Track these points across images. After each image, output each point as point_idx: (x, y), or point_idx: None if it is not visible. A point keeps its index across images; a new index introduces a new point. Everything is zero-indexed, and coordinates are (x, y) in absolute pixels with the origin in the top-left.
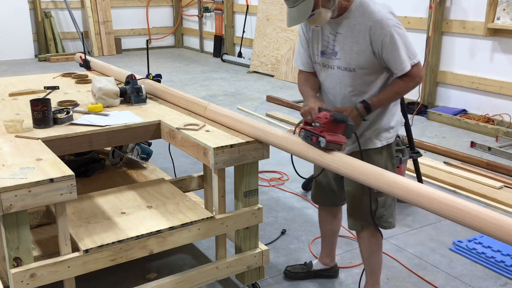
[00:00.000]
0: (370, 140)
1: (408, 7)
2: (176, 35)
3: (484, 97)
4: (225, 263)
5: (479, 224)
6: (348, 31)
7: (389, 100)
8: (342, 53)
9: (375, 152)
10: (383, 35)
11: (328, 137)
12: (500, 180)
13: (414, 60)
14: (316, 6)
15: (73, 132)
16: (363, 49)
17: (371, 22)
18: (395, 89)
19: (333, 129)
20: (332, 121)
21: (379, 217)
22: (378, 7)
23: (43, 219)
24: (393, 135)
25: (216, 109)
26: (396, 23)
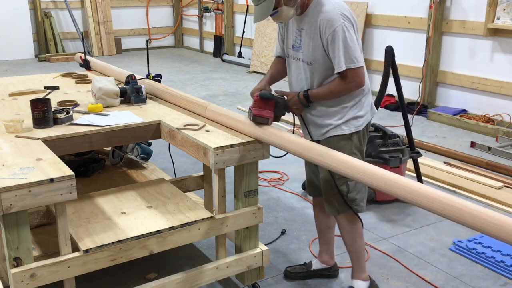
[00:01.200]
0: (339, 128)
1: (408, 7)
2: (176, 35)
3: (484, 97)
4: (225, 263)
5: (479, 224)
6: (308, 28)
7: (325, 96)
8: (304, 47)
9: (344, 138)
10: (328, 33)
11: (254, 111)
12: (500, 180)
13: (351, 64)
14: (278, 4)
15: (73, 132)
16: (317, 45)
17: (321, 19)
18: (330, 87)
19: (264, 106)
20: (260, 99)
21: (351, 200)
22: (331, 7)
23: (43, 219)
24: (362, 123)
25: (216, 109)
26: (342, 24)
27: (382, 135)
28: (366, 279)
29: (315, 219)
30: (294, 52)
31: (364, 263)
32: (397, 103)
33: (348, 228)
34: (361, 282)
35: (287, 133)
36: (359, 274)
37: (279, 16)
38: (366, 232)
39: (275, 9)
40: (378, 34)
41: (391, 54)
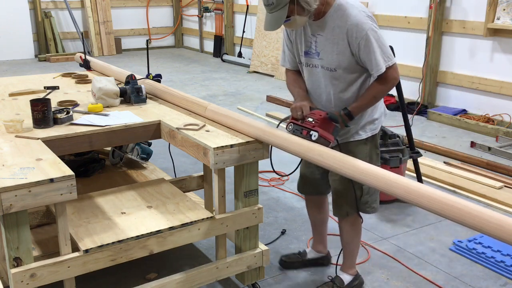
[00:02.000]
0: (356, 133)
1: (408, 7)
2: (176, 35)
3: (484, 97)
4: (225, 263)
5: (480, 224)
6: (328, 33)
7: (368, 105)
8: (324, 53)
9: (361, 143)
10: (359, 38)
11: (321, 131)
12: (500, 180)
13: (389, 62)
14: (291, 13)
15: (73, 132)
16: (342, 50)
17: (348, 25)
18: (372, 93)
19: (326, 128)
20: (327, 119)
21: (364, 203)
22: (356, 11)
23: (43, 219)
24: (377, 126)
25: (216, 109)
26: (372, 26)
27: (382, 135)
28: (353, 274)
29: (309, 215)
30: (308, 59)
31: (355, 260)
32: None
33: (351, 228)
34: (346, 276)
35: (287, 133)
36: (348, 269)
37: (291, 24)
38: (366, 232)
39: (287, 17)
40: None
41: None
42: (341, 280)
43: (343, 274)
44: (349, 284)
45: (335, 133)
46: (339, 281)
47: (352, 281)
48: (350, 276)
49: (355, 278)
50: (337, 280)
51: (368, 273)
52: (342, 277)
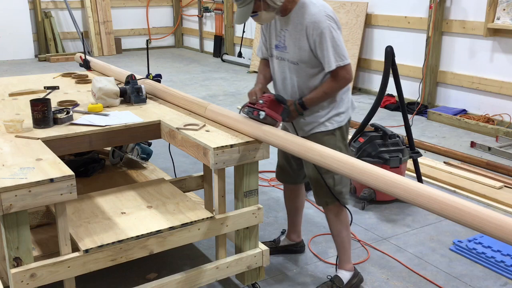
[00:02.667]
0: (323, 124)
1: (408, 7)
2: (176, 35)
3: (484, 97)
4: (225, 263)
5: (480, 224)
6: (292, 29)
7: (319, 99)
8: (289, 48)
9: (328, 134)
10: (315, 35)
11: (268, 111)
12: (500, 180)
13: (340, 62)
14: (258, 9)
15: (73, 132)
16: (303, 46)
17: (307, 22)
18: (323, 89)
19: (274, 108)
20: (274, 100)
21: (338, 193)
22: (316, 10)
23: (43, 219)
24: (343, 119)
25: (216, 109)
26: (329, 25)
27: (382, 135)
28: (351, 270)
29: (285, 203)
30: (278, 52)
31: (349, 254)
32: (397, 103)
33: (335, 219)
34: (345, 272)
35: (287, 133)
36: (344, 265)
37: (258, 18)
38: (366, 232)
39: (254, 12)
40: (378, 34)
41: (391, 54)
42: (340, 279)
43: (341, 271)
44: (349, 282)
45: (283, 115)
46: (338, 280)
47: (351, 279)
48: (348, 273)
49: (354, 275)
50: (336, 279)
51: (368, 273)
52: (341, 275)
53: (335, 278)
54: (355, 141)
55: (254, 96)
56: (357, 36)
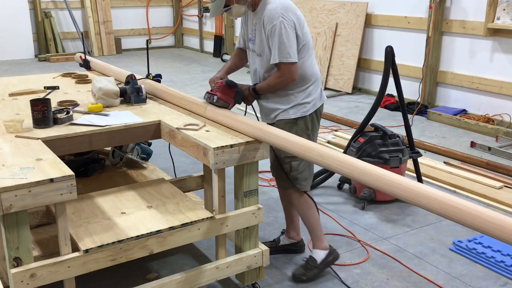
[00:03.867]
0: (287, 112)
1: (408, 7)
2: (176, 35)
3: (484, 97)
4: (225, 263)
5: (480, 224)
6: (257, 23)
7: (266, 89)
8: (256, 40)
9: (290, 122)
10: (268, 28)
11: (219, 95)
12: (500, 180)
13: (284, 59)
14: (230, 2)
15: (73, 132)
16: (263, 38)
17: (264, 16)
18: (268, 81)
19: (226, 92)
20: (225, 85)
21: (294, 179)
22: (274, 6)
23: (43, 219)
24: (308, 109)
25: (216, 109)
26: (281, 22)
27: (382, 135)
28: (326, 248)
29: (281, 200)
30: (251, 44)
31: (321, 234)
32: (397, 103)
33: (297, 201)
34: (320, 252)
35: (287, 133)
36: (318, 244)
37: (231, 12)
38: (366, 232)
39: (227, 6)
40: (378, 34)
41: (391, 54)
42: (313, 259)
43: (315, 251)
44: (323, 260)
45: (236, 98)
46: (312, 260)
47: (326, 257)
48: (322, 252)
49: (329, 253)
50: (310, 260)
51: (368, 273)
52: (315, 255)
53: (309, 258)
54: (355, 141)
55: (213, 84)
56: (357, 36)
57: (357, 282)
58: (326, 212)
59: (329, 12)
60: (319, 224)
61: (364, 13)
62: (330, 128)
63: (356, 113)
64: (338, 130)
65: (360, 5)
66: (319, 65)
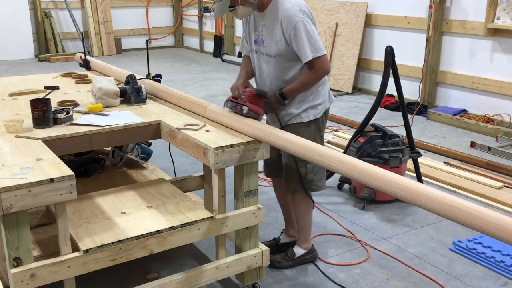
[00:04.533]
0: (299, 116)
1: (408, 7)
2: (176, 35)
3: (484, 97)
4: (225, 263)
5: (480, 224)
6: (269, 24)
7: (299, 89)
8: (266, 42)
9: (303, 126)
10: (290, 28)
11: (250, 106)
12: (500, 180)
13: (316, 53)
14: (235, 3)
15: (73, 132)
16: (279, 39)
17: (281, 17)
18: (301, 80)
19: (255, 103)
20: (255, 95)
21: (309, 181)
22: (289, 5)
23: (43, 219)
24: (320, 111)
25: (216, 109)
26: (302, 19)
27: (382, 135)
28: (307, 248)
29: (277, 199)
30: (257, 47)
31: (308, 236)
32: (397, 103)
33: (299, 205)
34: (300, 249)
35: (287, 133)
36: (303, 244)
37: (236, 13)
38: (366, 232)
39: (232, 7)
40: (378, 34)
41: (391, 54)
42: (293, 252)
43: (297, 247)
44: (300, 256)
45: (265, 108)
46: (290, 253)
47: (304, 255)
48: (303, 250)
49: (308, 252)
50: (289, 252)
51: (368, 273)
52: (295, 250)
53: (289, 250)
54: (355, 141)
55: (237, 91)
56: (357, 36)
57: (357, 282)
58: (326, 212)
59: (329, 12)
60: (311, 227)
61: (364, 13)
62: (330, 128)
63: (356, 113)
64: (338, 130)
65: (360, 5)
66: None
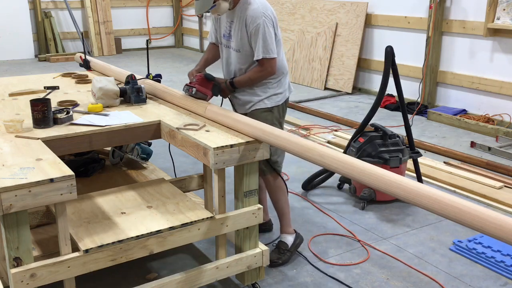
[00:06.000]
0: (263, 102)
1: (408, 7)
2: (176, 35)
3: (484, 97)
4: (225, 263)
5: (480, 224)
6: (237, 21)
7: (246, 83)
8: (233, 37)
9: (266, 111)
10: (251, 28)
11: (198, 87)
12: (500, 180)
13: (267, 55)
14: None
15: (73, 132)
16: (243, 36)
17: (246, 16)
18: (249, 75)
19: (204, 85)
20: (204, 78)
21: (274, 162)
22: (255, 6)
23: (43, 219)
24: (281, 99)
25: (216, 109)
26: (264, 21)
27: (382, 135)
28: (292, 233)
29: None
30: (225, 41)
31: (289, 219)
32: (397, 103)
33: (273, 187)
34: (288, 236)
35: (287, 133)
36: (287, 229)
37: (216, 9)
38: (366, 232)
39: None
40: (378, 34)
41: (391, 54)
42: (284, 243)
43: (284, 236)
44: (293, 243)
45: (214, 90)
46: (283, 245)
47: (294, 240)
48: (291, 236)
49: (296, 236)
50: (281, 244)
51: (368, 273)
52: (285, 239)
53: (280, 243)
54: (355, 141)
55: (192, 76)
56: (357, 36)
57: (357, 282)
58: (326, 212)
59: (329, 12)
60: (289, 209)
61: (364, 13)
62: (330, 128)
63: (356, 113)
64: (338, 130)
65: (360, 5)
66: (319, 65)
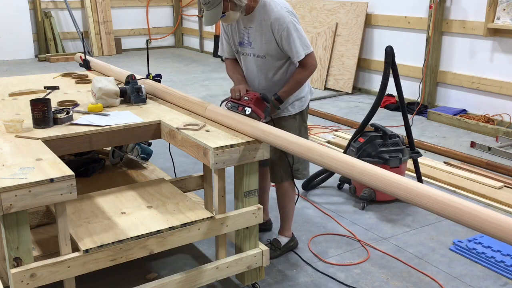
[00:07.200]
0: (286, 109)
1: (408, 7)
2: (176, 35)
3: (484, 97)
4: (225, 263)
5: (479, 224)
6: (257, 26)
7: (294, 89)
8: (254, 43)
9: (290, 118)
10: (281, 30)
11: (253, 108)
12: (500, 180)
13: (307, 50)
14: (226, 9)
15: (73, 132)
16: (269, 40)
17: (271, 19)
18: (295, 79)
19: (259, 106)
20: (260, 98)
21: (295, 170)
22: (278, 7)
23: (43, 219)
24: (304, 103)
25: (216, 109)
26: (291, 20)
27: (382, 135)
28: (289, 236)
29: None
30: (242, 48)
31: (290, 224)
32: (397, 103)
33: (286, 193)
34: (283, 237)
35: (287, 133)
36: (285, 232)
37: (227, 19)
38: (366, 232)
39: (223, 13)
40: (378, 34)
41: (391, 54)
42: (278, 241)
43: (280, 236)
44: (286, 244)
45: (266, 112)
46: (276, 242)
47: (288, 242)
48: (286, 238)
49: (290, 239)
50: (274, 242)
51: (368, 273)
52: (279, 239)
53: (274, 241)
54: (355, 141)
55: (238, 93)
56: (357, 36)
57: (357, 282)
58: (326, 212)
59: (329, 12)
60: (292, 217)
61: (364, 13)
62: (330, 128)
63: (356, 113)
64: (338, 130)
65: (360, 5)
66: (319, 65)
